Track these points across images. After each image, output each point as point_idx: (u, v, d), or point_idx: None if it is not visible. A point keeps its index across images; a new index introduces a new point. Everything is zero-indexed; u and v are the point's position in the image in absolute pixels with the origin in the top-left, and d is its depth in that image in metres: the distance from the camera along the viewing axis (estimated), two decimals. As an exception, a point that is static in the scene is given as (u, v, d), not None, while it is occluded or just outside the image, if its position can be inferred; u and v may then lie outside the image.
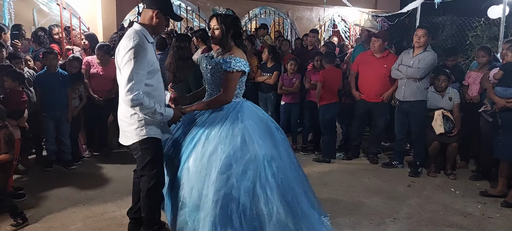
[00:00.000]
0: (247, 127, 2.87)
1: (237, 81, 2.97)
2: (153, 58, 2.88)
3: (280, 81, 6.21)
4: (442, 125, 5.07)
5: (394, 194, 4.59)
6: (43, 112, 5.05)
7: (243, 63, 2.95)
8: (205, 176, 2.78)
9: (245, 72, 3.00)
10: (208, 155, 2.81)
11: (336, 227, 3.72)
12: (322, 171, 5.35)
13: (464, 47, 8.09)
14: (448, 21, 9.08)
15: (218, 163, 2.76)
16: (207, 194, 2.75)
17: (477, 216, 4.05)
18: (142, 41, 2.75)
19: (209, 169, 2.78)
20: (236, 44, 3.03)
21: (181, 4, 9.75)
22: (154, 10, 2.85)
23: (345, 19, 12.18)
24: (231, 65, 2.90)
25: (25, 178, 4.81)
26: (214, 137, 2.85)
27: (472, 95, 5.24)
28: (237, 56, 2.95)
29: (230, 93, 2.95)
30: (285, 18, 11.45)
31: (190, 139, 2.97)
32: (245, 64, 2.97)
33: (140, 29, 2.83)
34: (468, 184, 4.92)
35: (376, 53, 5.53)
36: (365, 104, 5.64)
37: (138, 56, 2.69)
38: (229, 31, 2.96)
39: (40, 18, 8.60)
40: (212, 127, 2.91)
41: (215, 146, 2.82)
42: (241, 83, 3.06)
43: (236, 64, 2.91)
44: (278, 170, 2.83)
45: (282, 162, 2.91)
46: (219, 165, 2.75)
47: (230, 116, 2.91)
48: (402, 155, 5.57)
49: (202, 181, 2.79)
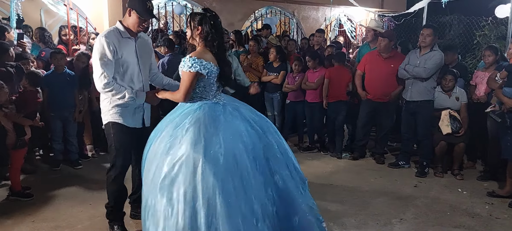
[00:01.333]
0: (189, 131, 2.67)
1: (190, 82, 2.78)
2: (124, 51, 3.14)
3: (286, 80, 6.24)
4: (449, 125, 5.04)
5: (401, 194, 4.57)
6: (51, 112, 5.09)
7: (200, 64, 2.76)
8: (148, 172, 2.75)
9: (201, 74, 2.78)
10: (153, 153, 2.76)
11: (341, 227, 3.72)
12: (328, 171, 5.34)
13: (472, 47, 8.03)
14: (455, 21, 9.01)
15: (154, 163, 2.71)
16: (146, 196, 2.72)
17: (484, 217, 4.02)
18: (108, 35, 3.09)
19: (148, 167, 2.76)
20: (206, 44, 2.87)
21: (187, 4, 9.77)
22: (128, 8, 3.14)
23: (351, 18, 12.14)
24: (185, 65, 2.80)
25: (32, 177, 4.84)
26: (163, 136, 2.77)
27: (479, 95, 5.21)
28: (196, 56, 2.79)
29: (182, 92, 2.82)
30: (291, 18, 11.43)
31: (154, 131, 2.94)
32: (202, 65, 2.77)
33: (115, 26, 3.21)
34: (475, 185, 4.89)
35: (383, 53, 5.50)
36: (371, 104, 5.62)
37: (99, 47, 3.06)
38: (196, 30, 2.87)
39: (47, 18, 8.66)
40: (168, 124, 2.84)
41: (157, 145, 2.76)
42: (202, 85, 2.86)
43: (189, 64, 2.76)
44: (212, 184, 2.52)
45: (218, 172, 2.56)
46: (154, 167, 2.69)
47: (179, 118, 2.81)
48: (409, 155, 5.54)
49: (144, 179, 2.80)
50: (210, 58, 2.83)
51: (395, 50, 5.61)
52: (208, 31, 2.82)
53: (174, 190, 2.52)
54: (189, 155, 2.56)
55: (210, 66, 2.81)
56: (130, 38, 3.21)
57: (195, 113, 2.77)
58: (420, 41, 5.13)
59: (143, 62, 3.30)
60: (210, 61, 2.81)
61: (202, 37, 2.85)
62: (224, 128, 2.70)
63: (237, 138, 2.70)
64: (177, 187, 2.52)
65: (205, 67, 2.78)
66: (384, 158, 5.75)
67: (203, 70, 2.78)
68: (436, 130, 5.16)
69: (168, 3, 9.57)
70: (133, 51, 3.23)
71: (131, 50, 3.22)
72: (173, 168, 2.57)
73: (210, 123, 2.71)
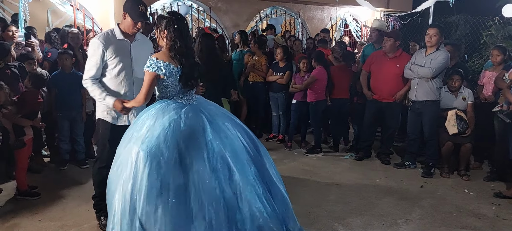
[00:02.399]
0: (143, 127, 2.80)
1: (150, 82, 2.88)
2: (116, 53, 3.31)
3: (293, 80, 6.24)
4: (456, 125, 5.02)
5: (407, 195, 4.55)
6: (58, 112, 5.12)
7: (157, 65, 2.84)
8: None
9: (159, 75, 2.85)
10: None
11: (347, 227, 3.71)
12: (333, 171, 5.33)
13: (478, 47, 7.97)
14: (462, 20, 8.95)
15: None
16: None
17: (491, 218, 4.00)
18: (102, 37, 3.31)
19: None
20: (170, 47, 2.92)
21: (193, 4, 9.79)
22: (123, 11, 3.33)
23: (357, 18, 12.11)
24: (146, 65, 2.89)
25: (39, 176, 4.87)
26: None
27: (487, 95, 5.18)
28: (156, 57, 2.88)
29: (142, 93, 2.94)
30: (297, 17, 11.42)
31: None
32: (159, 66, 2.84)
33: (111, 28, 3.43)
34: (482, 185, 4.87)
35: (389, 53, 5.49)
36: (377, 104, 5.61)
37: (91, 48, 3.31)
38: (162, 33, 2.94)
39: (54, 19, 8.73)
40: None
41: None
42: (164, 86, 2.93)
43: (148, 64, 2.86)
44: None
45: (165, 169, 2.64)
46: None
47: (140, 116, 2.94)
48: (415, 156, 5.52)
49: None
50: (170, 59, 2.90)
51: (401, 50, 5.59)
52: (171, 34, 2.89)
53: (119, 182, 2.70)
54: (130, 148, 2.71)
55: (169, 67, 2.87)
56: (125, 40, 3.37)
57: (150, 111, 2.89)
58: (426, 41, 5.11)
59: (138, 64, 3.37)
60: (170, 62, 2.88)
61: (167, 40, 2.93)
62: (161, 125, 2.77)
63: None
64: (121, 178, 2.70)
65: (162, 68, 2.85)
66: (389, 158, 5.73)
67: (159, 71, 2.85)
68: (443, 130, 5.14)
69: (174, 3, 9.60)
70: (128, 53, 3.38)
71: (125, 52, 3.37)
72: (117, 159, 2.80)
73: (158, 118, 2.81)
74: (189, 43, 3.04)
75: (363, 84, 5.74)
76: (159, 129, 2.73)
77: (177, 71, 2.91)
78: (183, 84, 2.94)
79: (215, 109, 3.09)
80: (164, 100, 2.95)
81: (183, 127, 2.77)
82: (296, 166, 5.50)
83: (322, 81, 5.93)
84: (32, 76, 4.61)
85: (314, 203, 4.22)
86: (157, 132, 2.72)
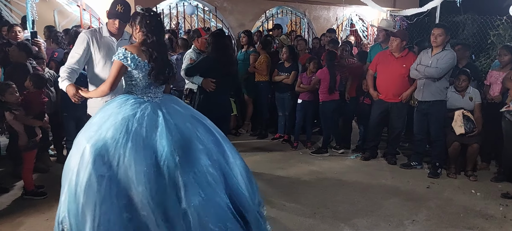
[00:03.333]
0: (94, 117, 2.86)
1: (116, 71, 2.90)
2: (100, 48, 3.54)
3: (299, 79, 6.23)
4: (463, 126, 4.98)
5: (413, 195, 4.53)
6: (64, 112, 5.14)
7: (125, 55, 2.87)
8: None
9: (126, 66, 2.88)
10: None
11: (353, 228, 3.70)
12: (340, 171, 5.32)
13: (486, 47, 7.92)
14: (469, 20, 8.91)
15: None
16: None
17: (498, 219, 3.97)
18: (89, 32, 3.59)
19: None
20: (142, 41, 2.96)
21: (198, 4, 9.81)
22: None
23: (363, 18, 12.08)
24: (115, 54, 2.92)
25: (46, 176, 4.90)
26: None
27: (494, 95, 5.14)
28: (126, 48, 2.91)
29: (108, 82, 2.95)
30: (302, 17, 11.40)
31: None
32: (126, 57, 2.86)
33: (101, 26, 3.77)
34: (489, 186, 4.83)
35: (395, 53, 5.46)
36: (383, 104, 5.58)
37: (78, 40, 3.55)
38: (136, 29, 2.99)
39: (61, 19, 8.78)
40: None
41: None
42: (130, 79, 2.96)
43: (117, 53, 2.90)
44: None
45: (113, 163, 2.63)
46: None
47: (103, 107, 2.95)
48: (421, 156, 5.49)
49: None
50: (140, 53, 2.92)
51: (408, 50, 5.56)
52: (144, 29, 2.94)
53: (68, 170, 2.71)
54: (80, 140, 2.73)
55: (135, 60, 2.88)
56: (110, 38, 3.61)
57: (110, 104, 2.90)
58: (431, 41, 5.08)
59: None
60: (138, 56, 2.90)
61: (140, 35, 2.98)
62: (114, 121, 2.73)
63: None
64: (69, 167, 2.73)
65: (128, 59, 2.87)
66: (396, 158, 5.70)
67: (125, 62, 2.86)
68: (449, 130, 5.11)
69: (180, 3, 9.62)
70: (113, 51, 3.46)
71: (111, 49, 3.55)
72: (73, 146, 2.79)
73: (112, 114, 2.79)
74: (162, 39, 3.06)
75: (369, 84, 5.72)
76: (110, 124, 2.71)
77: (144, 66, 2.91)
78: (153, 79, 2.92)
79: (181, 110, 3.01)
80: (125, 95, 2.95)
81: (136, 124, 2.73)
82: (302, 166, 5.49)
83: (325, 82, 5.92)
84: (33, 76, 4.61)
85: (320, 203, 4.21)
86: (107, 127, 2.69)
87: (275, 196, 4.37)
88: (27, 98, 4.45)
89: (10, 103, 4.18)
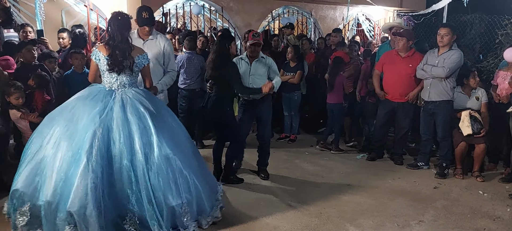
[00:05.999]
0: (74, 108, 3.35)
1: (91, 67, 3.64)
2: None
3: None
4: (470, 126, 4.95)
5: (420, 196, 4.51)
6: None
7: (94, 52, 3.50)
8: None
9: (95, 61, 3.50)
10: None
11: (359, 228, 3.69)
12: (346, 171, 5.30)
13: (493, 46, 7.85)
14: (477, 19, 8.82)
15: None
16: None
17: (506, 220, 3.94)
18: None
19: None
20: (107, 39, 3.49)
21: (205, 4, 9.82)
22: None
23: (369, 18, 12.03)
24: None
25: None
26: None
27: (501, 95, 5.10)
28: (96, 47, 3.63)
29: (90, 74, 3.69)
30: (309, 17, 11.38)
31: None
32: (94, 53, 3.49)
33: (133, 32, 4.08)
34: (497, 187, 4.79)
35: (401, 53, 5.44)
36: (389, 104, 5.56)
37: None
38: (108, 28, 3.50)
39: (68, 19, 8.81)
40: None
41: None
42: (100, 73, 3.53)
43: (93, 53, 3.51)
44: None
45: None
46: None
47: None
48: (428, 156, 5.46)
49: None
50: (103, 48, 3.44)
51: (414, 50, 5.53)
52: (107, 28, 3.48)
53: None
54: (52, 119, 3.36)
55: (99, 55, 3.45)
56: (140, 40, 4.16)
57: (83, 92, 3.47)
58: (437, 41, 5.06)
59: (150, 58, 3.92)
60: (101, 51, 3.44)
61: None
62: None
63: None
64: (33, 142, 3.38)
65: (94, 55, 3.49)
66: (402, 158, 5.68)
67: (93, 56, 3.51)
68: (456, 130, 5.08)
69: (186, 3, 9.64)
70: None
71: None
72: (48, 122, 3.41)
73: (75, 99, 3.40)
74: (124, 37, 3.44)
75: (375, 84, 5.70)
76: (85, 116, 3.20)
77: (106, 59, 3.40)
78: (107, 67, 3.37)
79: (152, 106, 3.38)
80: (97, 85, 3.52)
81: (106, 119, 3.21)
82: (307, 166, 5.49)
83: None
84: (36, 76, 4.66)
85: (326, 203, 4.21)
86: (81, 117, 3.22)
87: (280, 196, 4.38)
88: (31, 97, 4.50)
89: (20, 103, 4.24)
